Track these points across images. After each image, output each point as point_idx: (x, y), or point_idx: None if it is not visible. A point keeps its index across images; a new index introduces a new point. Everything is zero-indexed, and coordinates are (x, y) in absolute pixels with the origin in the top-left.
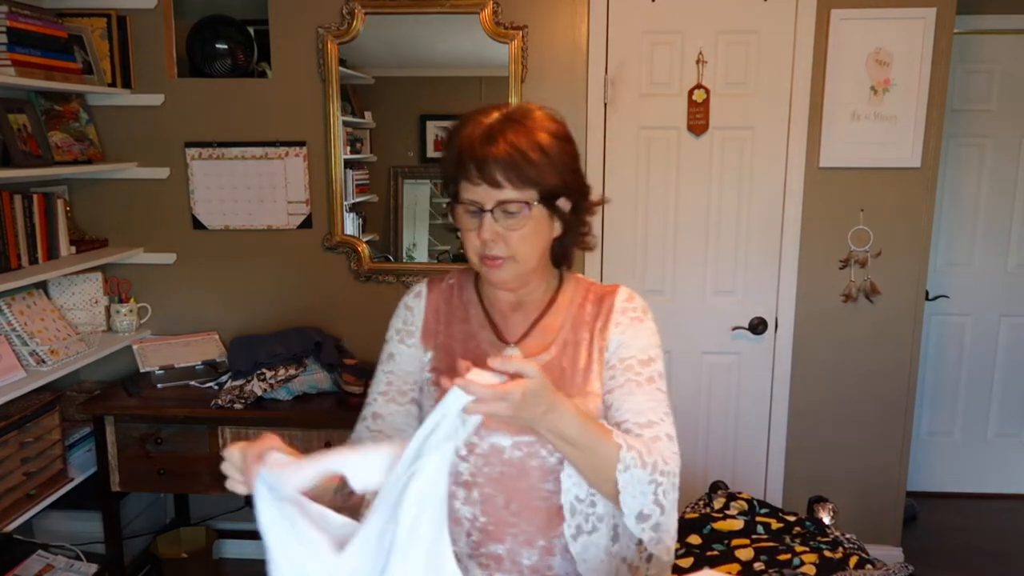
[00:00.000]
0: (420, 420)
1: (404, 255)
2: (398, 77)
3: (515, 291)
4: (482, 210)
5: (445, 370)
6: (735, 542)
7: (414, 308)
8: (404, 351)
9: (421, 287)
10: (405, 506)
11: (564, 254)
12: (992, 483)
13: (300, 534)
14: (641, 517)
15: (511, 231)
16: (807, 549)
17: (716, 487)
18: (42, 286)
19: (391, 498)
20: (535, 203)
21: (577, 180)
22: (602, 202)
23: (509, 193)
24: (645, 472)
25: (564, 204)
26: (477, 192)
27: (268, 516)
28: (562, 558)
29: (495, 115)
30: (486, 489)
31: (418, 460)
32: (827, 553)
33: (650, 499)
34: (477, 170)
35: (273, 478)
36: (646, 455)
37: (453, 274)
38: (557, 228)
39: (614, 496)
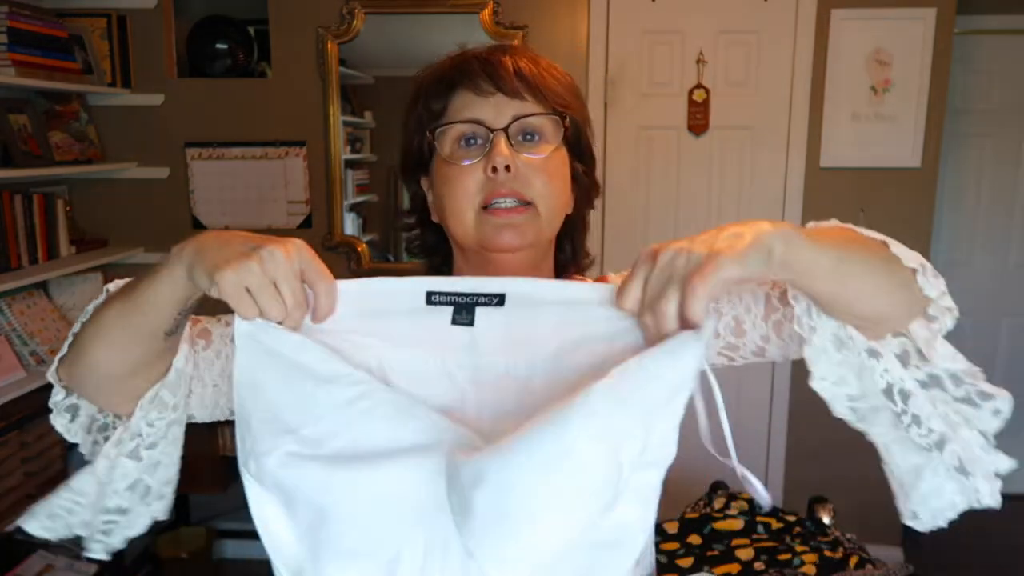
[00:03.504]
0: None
1: (404, 255)
2: (398, 77)
3: (524, 273)
4: (491, 130)
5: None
6: (735, 542)
7: None
8: None
9: None
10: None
11: (573, 243)
12: None
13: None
14: (927, 271)
15: (533, 161)
16: (807, 549)
17: (716, 487)
18: (42, 286)
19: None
20: (562, 131)
21: (589, 139)
22: (600, 192)
23: (532, 106)
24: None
25: (578, 167)
26: (484, 107)
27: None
28: None
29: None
30: None
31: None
32: (827, 553)
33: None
34: (488, 74)
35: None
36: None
37: None
38: (570, 199)
39: (901, 294)
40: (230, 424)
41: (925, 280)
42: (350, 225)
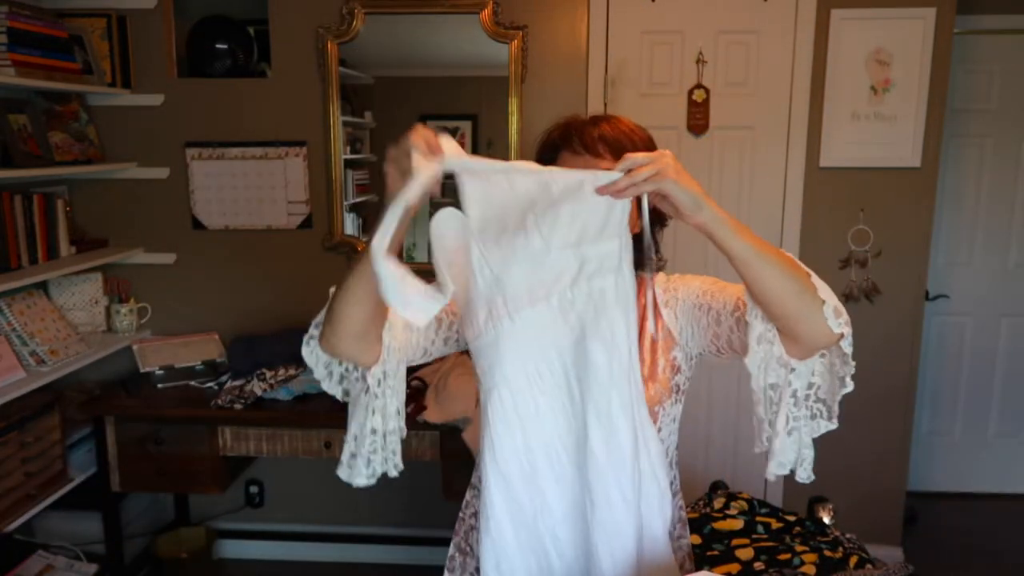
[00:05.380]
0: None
1: (404, 255)
2: (398, 77)
3: None
4: None
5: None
6: (735, 542)
7: None
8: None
9: None
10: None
11: (641, 253)
12: (992, 483)
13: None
14: (837, 311)
15: None
16: (807, 549)
17: (716, 487)
18: (42, 286)
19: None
20: None
21: None
22: (670, 217)
23: (608, 163)
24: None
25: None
26: (575, 163)
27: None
28: None
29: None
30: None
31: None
32: (827, 553)
33: (828, 291)
34: (580, 140)
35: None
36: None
37: None
38: (637, 224)
39: (805, 302)
40: (229, 424)
41: (830, 311)
42: (350, 225)
